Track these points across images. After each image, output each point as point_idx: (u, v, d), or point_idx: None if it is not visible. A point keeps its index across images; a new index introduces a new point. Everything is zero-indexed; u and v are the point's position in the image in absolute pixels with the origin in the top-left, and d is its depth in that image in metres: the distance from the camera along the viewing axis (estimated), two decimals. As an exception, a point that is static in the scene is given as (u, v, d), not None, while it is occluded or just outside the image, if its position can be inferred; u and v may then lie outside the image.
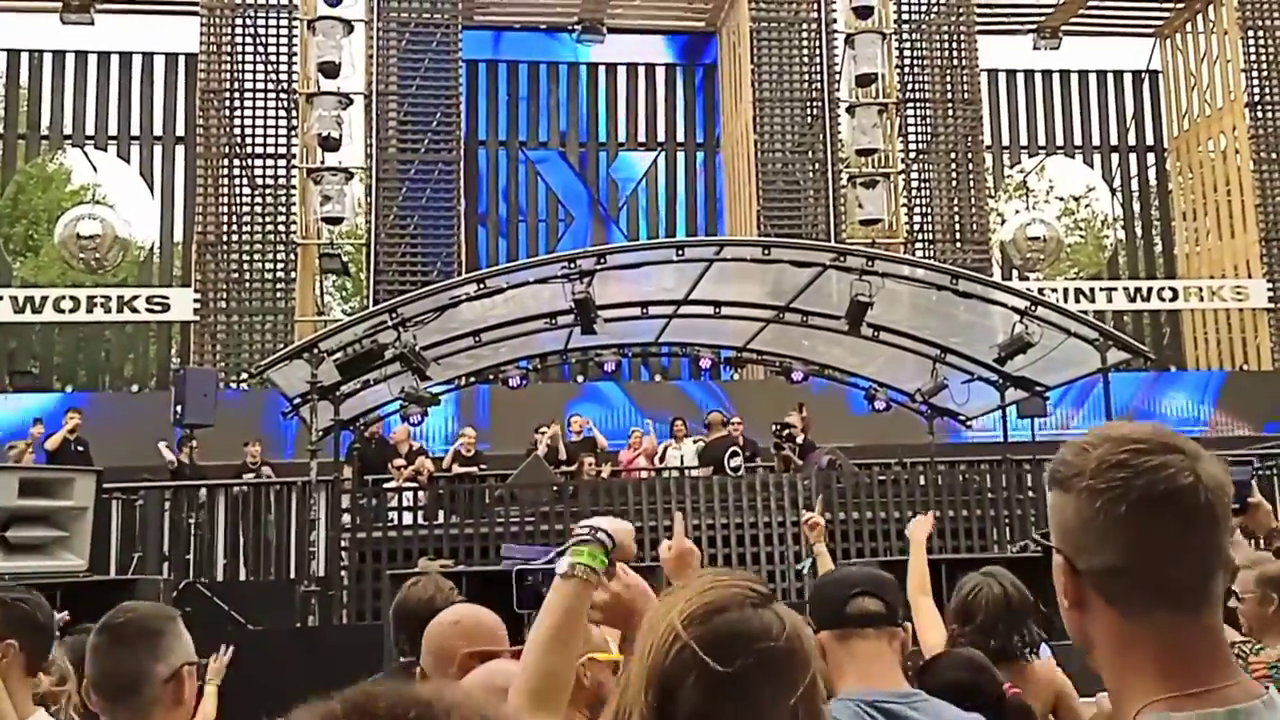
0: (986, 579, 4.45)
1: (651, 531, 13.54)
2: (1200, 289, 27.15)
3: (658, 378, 25.86)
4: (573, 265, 13.56)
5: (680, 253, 14.22)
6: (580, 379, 23.33)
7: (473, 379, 16.78)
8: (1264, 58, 27.05)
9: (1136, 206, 31.24)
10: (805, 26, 25.98)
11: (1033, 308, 13.93)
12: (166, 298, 24.27)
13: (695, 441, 17.16)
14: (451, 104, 24.99)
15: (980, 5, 27.15)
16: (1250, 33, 27.16)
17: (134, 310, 24.10)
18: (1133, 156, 30.81)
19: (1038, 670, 4.41)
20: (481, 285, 13.59)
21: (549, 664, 2.30)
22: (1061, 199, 39.10)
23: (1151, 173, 30.90)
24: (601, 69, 29.46)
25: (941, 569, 10.17)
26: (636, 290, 15.20)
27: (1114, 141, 30.69)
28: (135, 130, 27.58)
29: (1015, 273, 28.97)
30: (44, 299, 24.02)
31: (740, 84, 26.57)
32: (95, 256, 26.32)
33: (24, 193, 32.97)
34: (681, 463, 16.68)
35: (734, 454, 15.76)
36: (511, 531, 13.46)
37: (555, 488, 14.65)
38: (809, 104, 25.68)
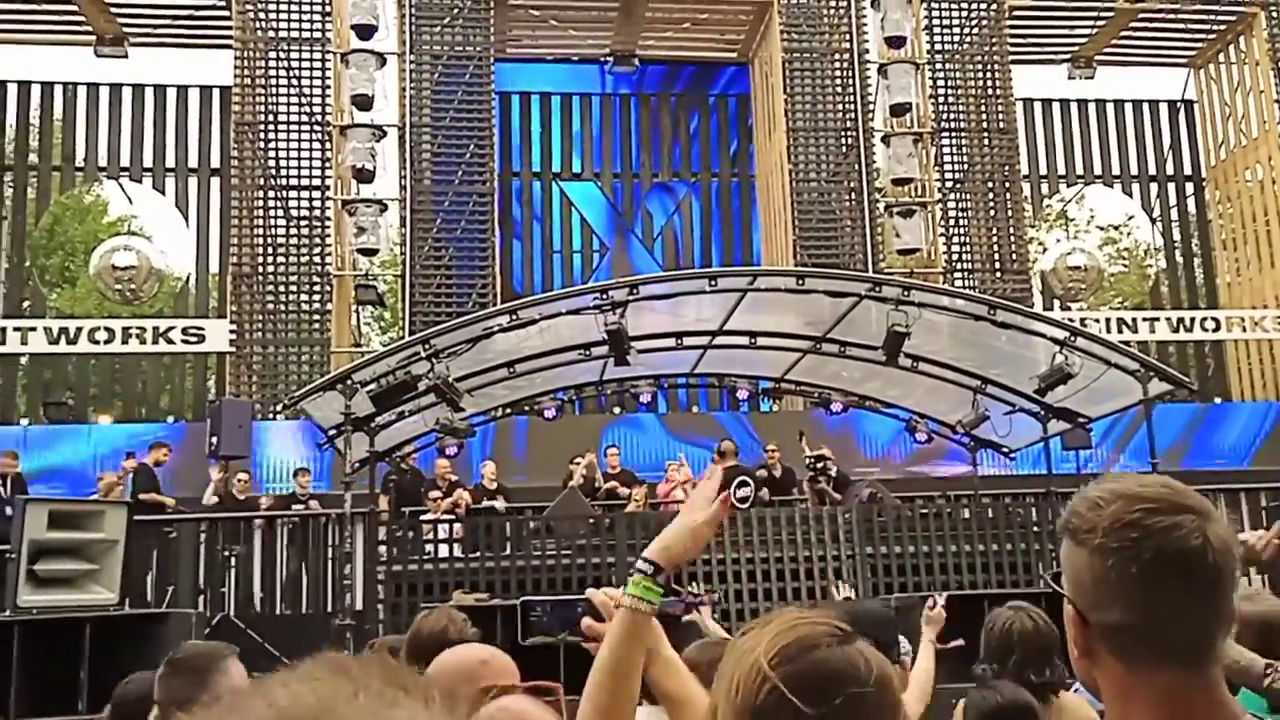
0: (1018, 614, 4.42)
1: (688, 564, 13.37)
2: (1243, 319, 26.78)
3: (695, 409, 25.66)
4: (605, 296, 13.41)
5: (713, 283, 14.01)
6: (617, 410, 23.18)
7: (508, 410, 16.65)
8: (1296, 88, 26.83)
9: (1177, 236, 30.91)
10: (837, 57, 25.91)
11: (1072, 338, 13.74)
12: (202, 329, 24.21)
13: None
14: (485, 136, 24.96)
15: (1014, 35, 27.01)
16: (1281, 64, 26.93)
17: (169, 341, 24.02)
18: (1171, 186, 30.54)
19: (1070, 704, 4.32)
20: (514, 316, 13.47)
21: (602, 698, 2.25)
22: (1102, 228, 38.79)
23: (1191, 202, 30.59)
24: (634, 100, 29.42)
25: (984, 604, 10.02)
26: (671, 321, 15.05)
27: (1152, 171, 30.44)
28: (170, 162, 27.69)
29: (1057, 303, 28.70)
30: (79, 330, 23.95)
31: (773, 114, 26.47)
32: (131, 288, 26.40)
33: (60, 224, 33.09)
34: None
35: (742, 484, 15.48)
36: (548, 564, 13.28)
37: (592, 520, 14.44)
38: (843, 134, 25.57)
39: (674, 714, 2.41)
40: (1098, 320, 25.83)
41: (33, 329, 24.14)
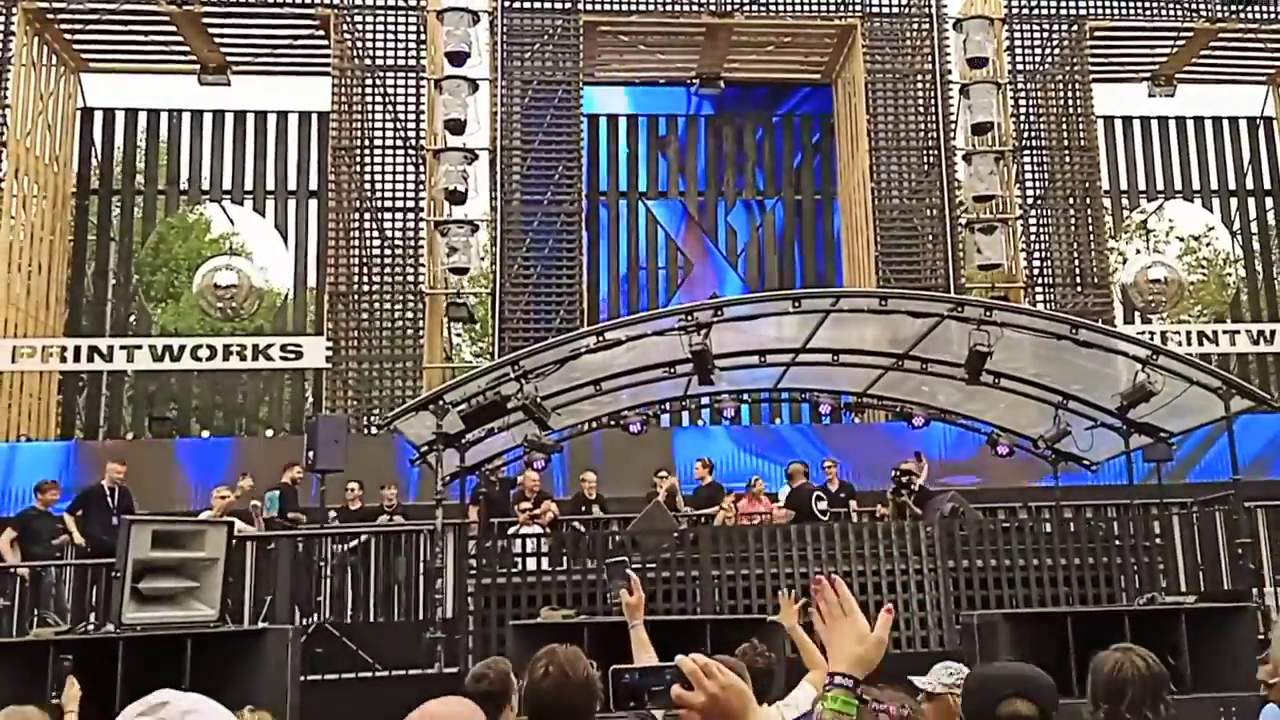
0: (1127, 655, 4.31)
1: (773, 579, 13.27)
2: (1324, 331, 26.19)
3: (778, 420, 25.59)
4: (691, 318, 13.33)
5: (797, 304, 13.86)
6: (700, 422, 23.16)
7: (594, 425, 16.61)
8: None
9: (1257, 247, 30.34)
10: (920, 78, 25.77)
11: (1154, 357, 13.45)
12: (300, 346, 24.43)
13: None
14: (573, 157, 25.07)
15: (1094, 55, 26.69)
16: (1362, 79, 26.38)
17: (268, 358, 24.27)
18: (1251, 200, 29.98)
19: None
20: (600, 338, 13.42)
21: None
22: (1182, 239, 38.19)
23: (1271, 216, 29.99)
24: (719, 119, 29.40)
25: (1068, 621, 9.81)
26: (755, 339, 14.94)
27: (1232, 186, 29.92)
28: (270, 185, 28.05)
29: (1138, 315, 28.28)
30: (182, 348, 24.30)
31: (856, 134, 26.35)
32: (232, 305, 26.81)
33: (164, 242, 33.61)
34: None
35: (818, 498, 15.51)
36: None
37: (676, 535, 14.34)
38: (925, 152, 25.39)
39: None
40: (1178, 334, 25.41)
41: (138, 347, 24.50)
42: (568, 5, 25.50)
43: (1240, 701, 9.86)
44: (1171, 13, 26.53)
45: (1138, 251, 31.67)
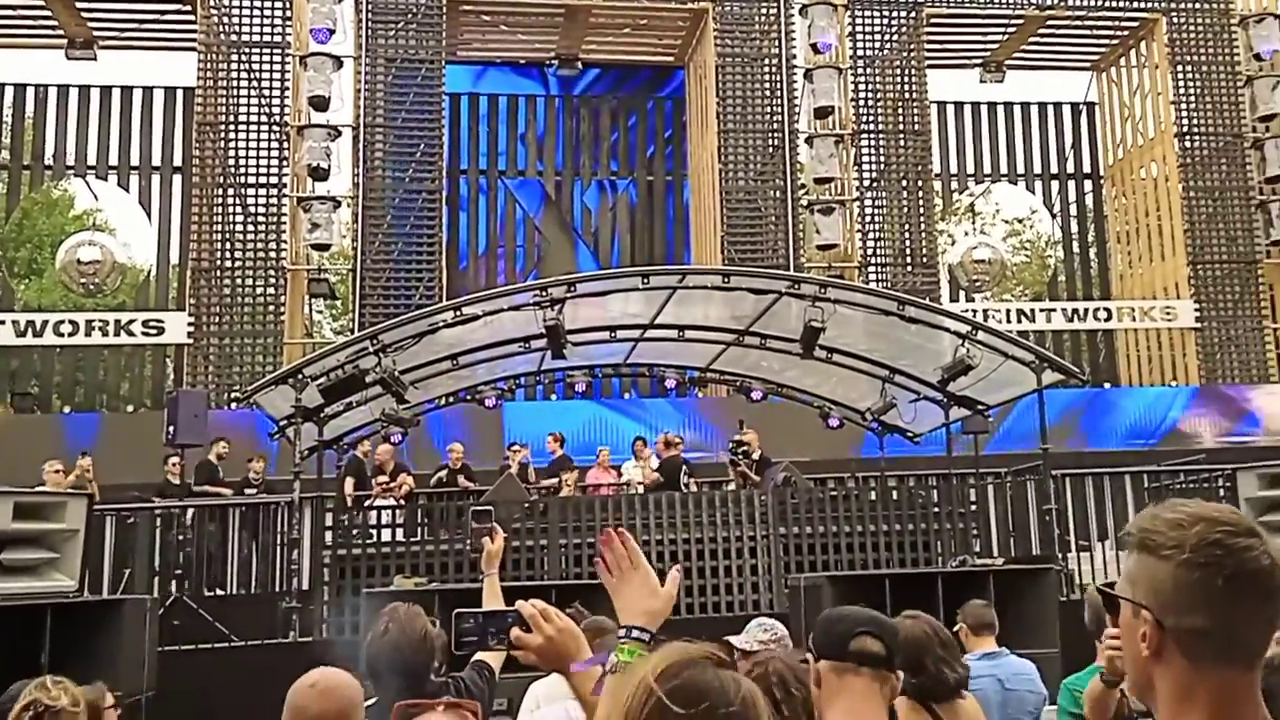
0: (917, 622, 4.52)
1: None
2: (1133, 310, 27.22)
3: (627, 395, 25.89)
4: (545, 293, 13.51)
5: (645, 281, 14.07)
6: (553, 398, 23.37)
7: (450, 399, 16.71)
8: (1191, 91, 27.25)
9: (1075, 230, 31.39)
10: (767, 62, 26.13)
11: (973, 332, 13.93)
12: (162, 321, 24.11)
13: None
14: (435, 136, 25.02)
15: (930, 41, 27.30)
16: (1179, 67, 27.34)
17: (130, 334, 23.91)
18: (1071, 184, 30.98)
19: (968, 709, 4.44)
20: (458, 313, 13.52)
21: None
22: (1007, 221, 39.26)
23: (1089, 199, 31.04)
24: (576, 101, 29.52)
25: (886, 583, 10.22)
26: (605, 315, 15.16)
27: (1054, 169, 30.89)
28: (135, 160, 27.54)
29: (963, 294, 29.07)
30: (44, 323, 23.81)
31: (706, 116, 26.66)
32: (95, 281, 26.28)
33: (29, 218, 32.79)
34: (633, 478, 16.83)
35: (687, 472, 15.86)
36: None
37: (527, 505, 14.53)
38: (770, 135, 25.78)
39: None
40: (998, 312, 26.26)
41: (1, 322, 23.97)
42: (431, -16, 25.40)
43: (1043, 658, 10.34)
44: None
45: (965, 233, 32.54)
